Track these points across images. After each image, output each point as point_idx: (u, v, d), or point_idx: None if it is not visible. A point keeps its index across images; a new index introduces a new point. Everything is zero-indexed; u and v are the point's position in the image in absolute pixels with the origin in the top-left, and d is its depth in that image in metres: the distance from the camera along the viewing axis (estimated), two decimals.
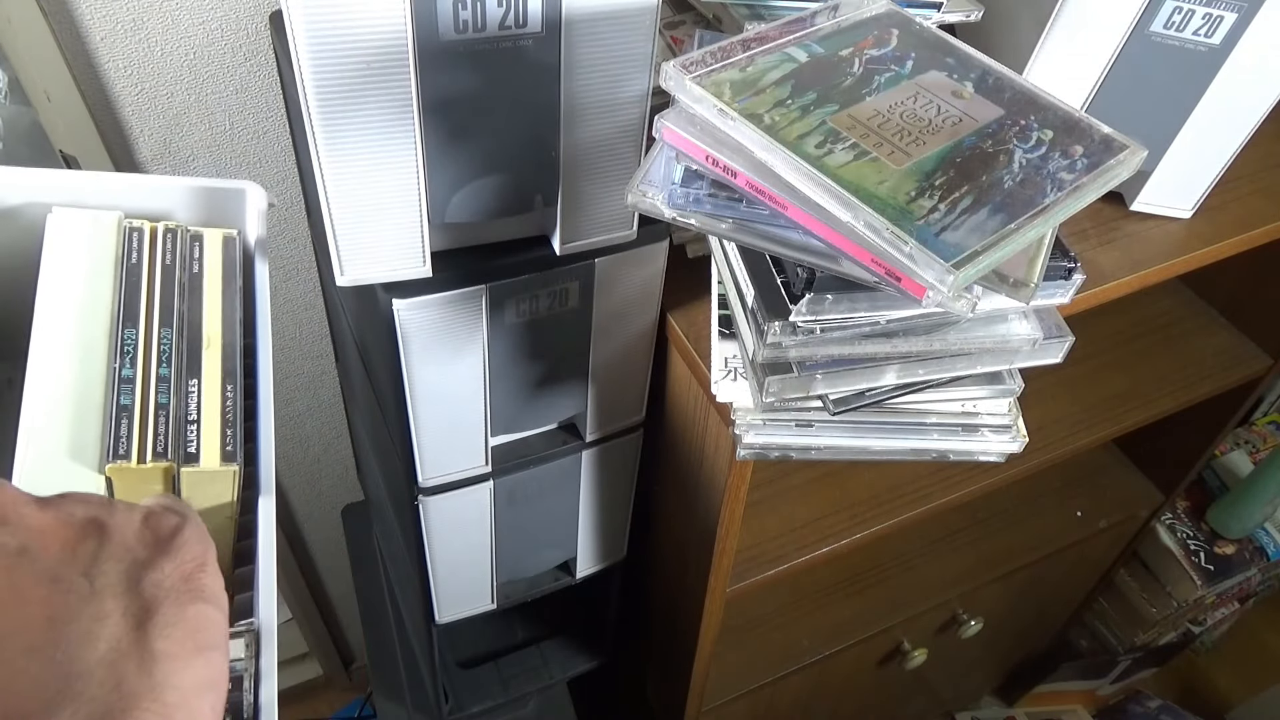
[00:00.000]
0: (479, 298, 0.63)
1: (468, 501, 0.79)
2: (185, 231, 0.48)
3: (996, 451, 0.66)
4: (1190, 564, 1.50)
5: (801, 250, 0.51)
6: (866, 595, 1.22)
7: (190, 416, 0.41)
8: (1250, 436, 1.60)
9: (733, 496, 0.74)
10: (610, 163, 0.60)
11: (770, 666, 1.14)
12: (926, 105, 0.53)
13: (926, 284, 0.44)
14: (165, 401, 0.41)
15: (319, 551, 1.43)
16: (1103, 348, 1.13)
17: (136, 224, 0.47)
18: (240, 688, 0.39)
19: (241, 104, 0.89)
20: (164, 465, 0.39)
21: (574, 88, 0.55)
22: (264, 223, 0.51)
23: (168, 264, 0.46)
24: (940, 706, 1.75)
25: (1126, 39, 0.67)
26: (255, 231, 0.51)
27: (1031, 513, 1.31)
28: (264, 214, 0.51)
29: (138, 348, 0.42)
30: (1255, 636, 1.88)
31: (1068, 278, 0.56)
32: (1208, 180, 0.77)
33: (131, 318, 0.44)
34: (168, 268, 0.46)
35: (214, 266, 0.47)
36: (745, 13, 0.69)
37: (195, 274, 0.47)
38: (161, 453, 0.40)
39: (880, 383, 0.58)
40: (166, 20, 0.81)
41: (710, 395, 0.63)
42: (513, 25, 0.51)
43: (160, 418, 0.40)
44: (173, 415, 0.41)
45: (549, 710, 1.18)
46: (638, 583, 1.04)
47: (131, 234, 0.46)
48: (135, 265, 0.45)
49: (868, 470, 0.96)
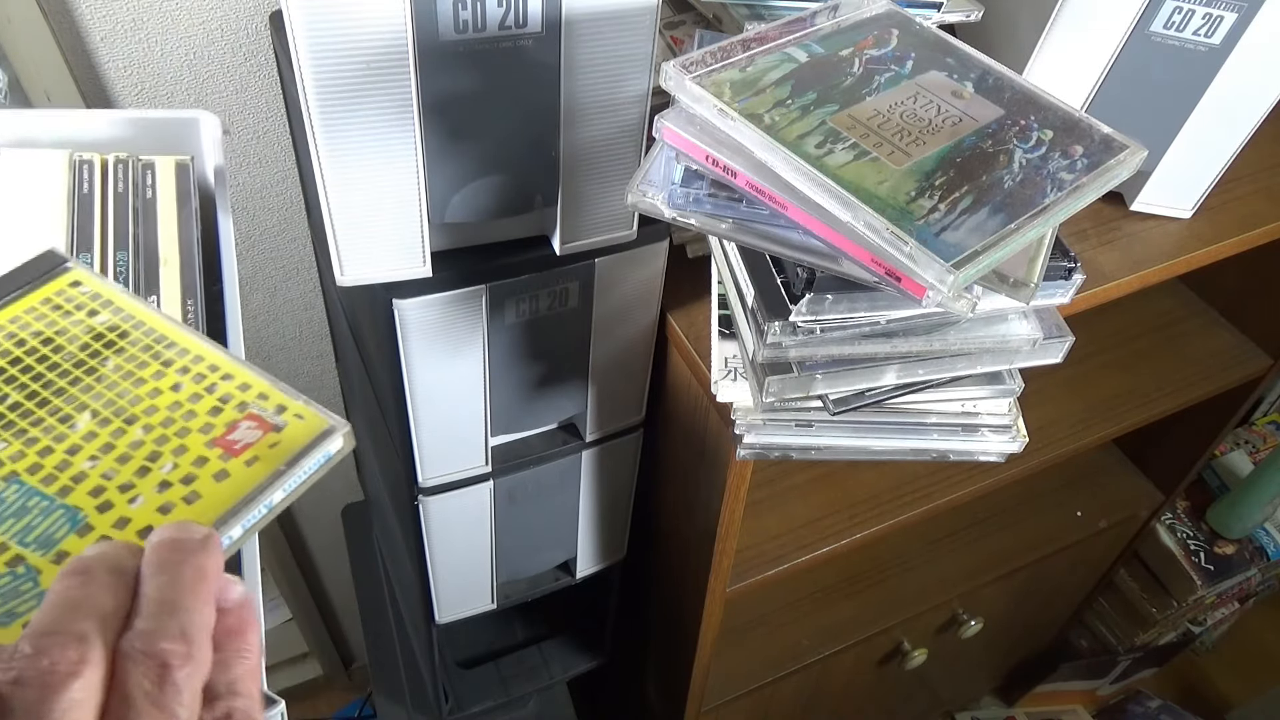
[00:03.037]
0: (479, 298, 0.63)
1: (468, 501, 0.79)
2: (137, 161, 0.48)
3: (996, 451, 0.66)
4: (1190, 564, 1.50)
5: (801, 250, 0.51)
6: (866, 595, 1.22)
7: None
8: (1250, 436, 1.60)
9: (733, 496, 0.74)
10: (610, 163, 0.60)
11: (770, 666, 1.14)
12: (926, 105, 0.53)
13: (926, 284, 0.44)
14: None
15: (319, 551, 1.43)
16: (1103, 348, 1.13)
17: (87, 157, 0.47)
18: None
19: (241, 104, 0.89)
20: None
21: (574, 88, 0.55)
22: (220, 150, 0.51)
23: (120, 192, 0.46)
24: (940, 706, 1.75)
25: (1126, 39, 0.67)
26: (213, 159, 0.51)
27: (1031, 513, 1.31)
28: (219, 141, 0.51)
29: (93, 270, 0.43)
30: (1255, 636, 1.88)
31: (1068, 278, 0.56)
32: (1208, 180, 0.77)
33: (86, 243, 0.44)
34: (120, 195, 0.46)
35: (168, 192, 0.47)
36: (745, 13, 0.69)
37: (149, 199, 0.47)
38: None
39: (880, 383, 0.58)
40: (166, 20, 0.81)
41: (710, 395, 0.63)
42: (513, 25, 0.51)
43: None
44: None
45: (549, 710, 1.18)
46: (638, 583, 1.04)
47: (82, 166, 0.47)
48: (87, 195, 0.46)
49: (868, 470, 0.96)
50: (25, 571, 0.32)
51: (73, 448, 0.37)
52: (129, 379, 0.39)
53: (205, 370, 0.39)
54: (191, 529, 0.28)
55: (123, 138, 0.49)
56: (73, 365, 0.40)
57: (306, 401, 0.38)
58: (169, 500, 0.35)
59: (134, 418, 0.38)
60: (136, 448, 0.37)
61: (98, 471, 0.36)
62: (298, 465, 0.36)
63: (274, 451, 0.36)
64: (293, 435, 0.37)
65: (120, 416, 0.38)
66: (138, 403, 0.38)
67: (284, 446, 0.36)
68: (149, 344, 0.40)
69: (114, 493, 0.35)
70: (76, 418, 0.38)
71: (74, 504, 0.34)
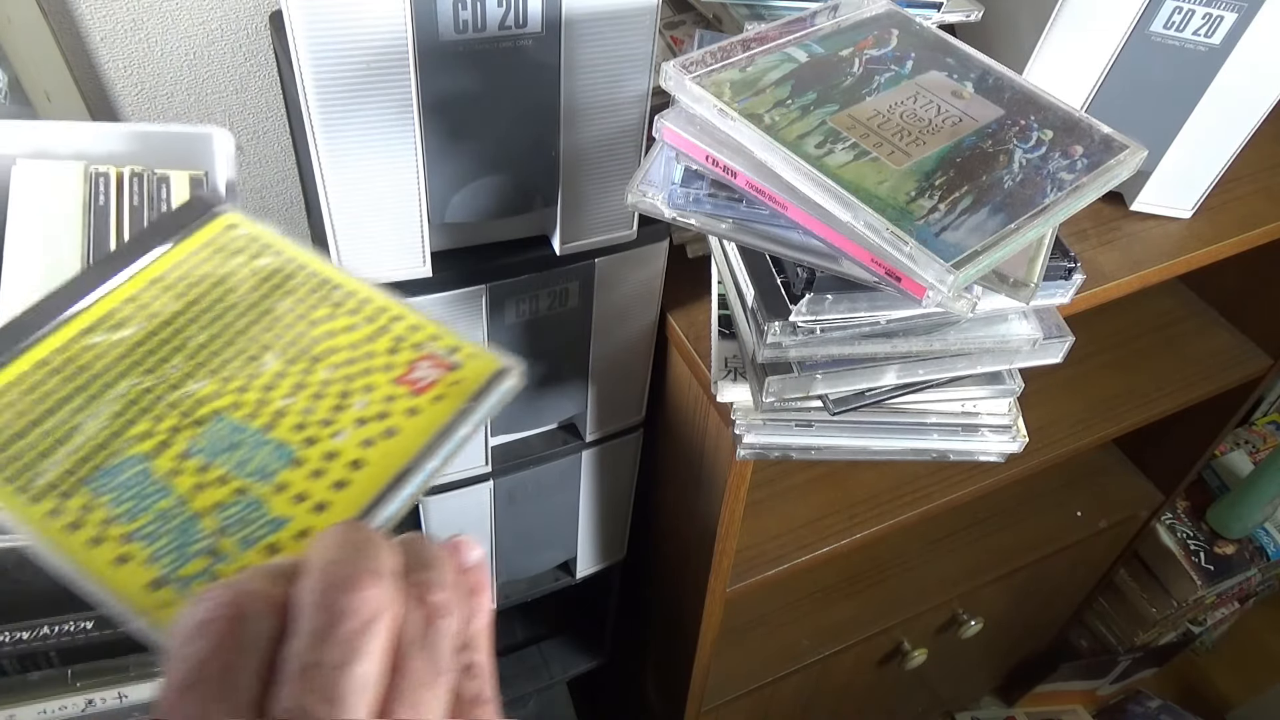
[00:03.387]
0: (479, 297, 0.63)
1: (468, 501, 0.79)
2: (152, 174, 0.48)
3: (996, 451, 0.66)
4: (1190, 564, 1.50)
5: (801, 250, 0.51)
6: (866, 595, 1.22)
7: None
8: (1250, 436, 1.60)
9: (733, 496, 0.74)
10: (610, 163, 0.60)
11: (770, 666, 1.14)
12: (926, 105, 0.53)
13: (926, 284, 0.44)
14: None
15: None
16: (1103, 348, 1.13)
17: (102, 169, 0.47)
18: None
19: (241, 104, 0.89)
20: None
21: (574, 88, 0.55)
22: (234, 165, 0.52)
23: (135, 205, 0.47)
24: (940, 706, 1.75)
25: (1126, 39, 0.67)
26: (225, 173, 0.51)
27: (1031, 513, 1.31)
28: (233, 157, 0.52)
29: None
30: (1255, 636, 1.88)
31: (1068, 278, 0.56)
32: (1208, 180, 0.77)
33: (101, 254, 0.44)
34: (135, 208, 0.46)
35: None
36: (745, 13, 0.69)
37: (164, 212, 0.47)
38: None
39: (880, 383, 0.58)
40: (166, 20, 0.81)
41: (710, 395, 0.63)
42: (513, 25, 0.51)
43: None
44: None
45: (549, 710, 1.18)
46: (637, 583, 1.04)
47: (98, 179, 0.47)
48: (103, 207, 0.46)
49: (868, 470, 0.96)
50: (252, 501, 0.34)
51: (268, 385, 0.38)
52: (303, 320, 0.41)
53: (374, 312, 0.41)
54: None
55: (137, 151, 0.50)
56: (248, 307, 0.41)
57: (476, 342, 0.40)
58: (369, 435, 0.36)
59: (318, 357, 0.39)
60: (327, 386, 0.38)
61: (296, 408, 0.37)
62: (481, 401, 0.37)
63: (457, 389, 0.38)
64: (471, 373, 0.38)
65: (305, 356, 0.39)
66: (318, 343, 0.40)
67: (465, 385, 0.38)
68: (315, 286, 0.42)
69: (316, 428, 0.37)
70: (264, 357, 0.39)
71: (280, 439, 0.36)
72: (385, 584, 0.25)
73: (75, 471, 0.36)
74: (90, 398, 0.38)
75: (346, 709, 0.23)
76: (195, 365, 0.39)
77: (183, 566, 0.33)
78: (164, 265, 0.42)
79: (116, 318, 0.40)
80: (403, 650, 0.25)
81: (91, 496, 0.35)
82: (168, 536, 0.34)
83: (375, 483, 0.35)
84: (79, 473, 0.36)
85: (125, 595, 0.32)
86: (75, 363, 0.39)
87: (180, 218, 0.44)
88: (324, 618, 0.24)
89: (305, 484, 0.35)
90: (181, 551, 0.33)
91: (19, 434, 0.37)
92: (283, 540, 0.33)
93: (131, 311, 0.41)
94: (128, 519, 0.34)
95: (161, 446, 0.36)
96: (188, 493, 0.35)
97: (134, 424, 0.37)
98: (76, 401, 0.38)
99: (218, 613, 0.24)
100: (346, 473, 0.35)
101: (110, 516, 0.34)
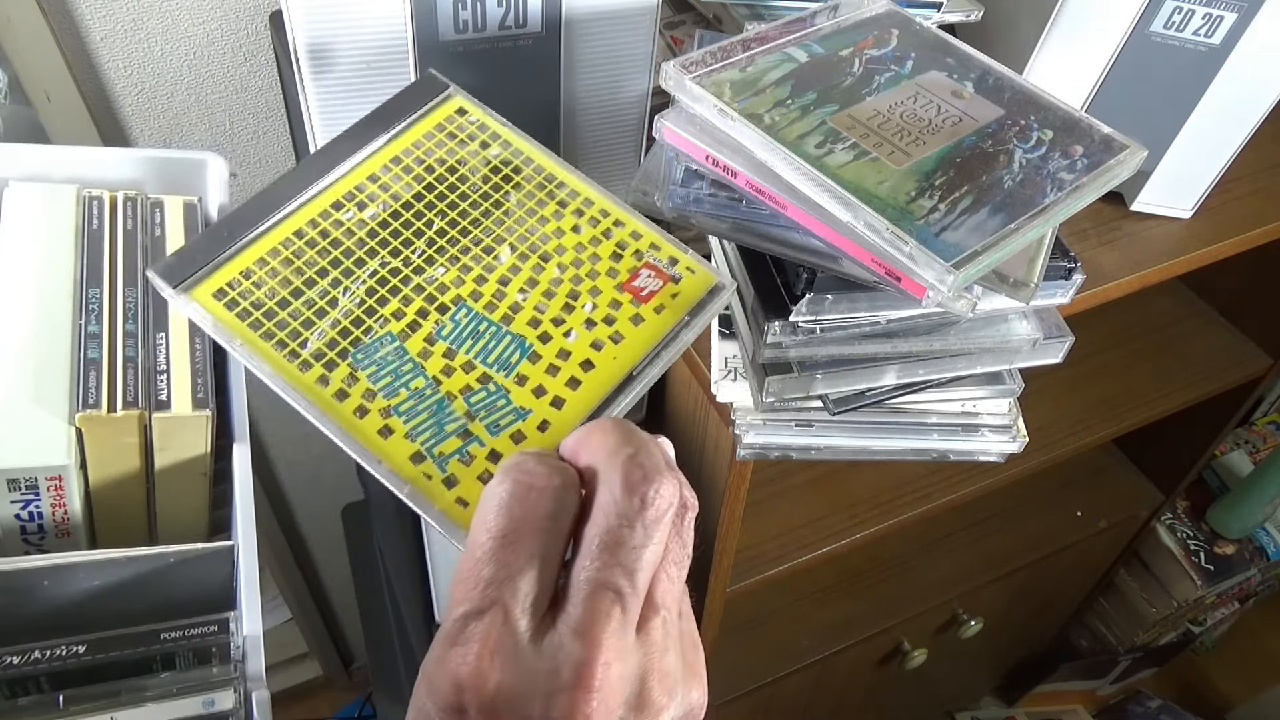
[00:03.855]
0: None
1: None
2: (146, 199, 0.48)
3: (996, 451, 0.66)
4: (1190, 564, 1.50)
5: (801, 250, 0.51)
6: (866, 595, 1.22)
7: (160, 367, 0.42)
8: (1250, 436, 1.60)
9: (733, 496, 0.74)
10: (610, 163, 0.60)
11: (770, 666, 1.14)
12: (926, 105, 0.53)
13: (926, 284, 0.44)
14: (133, 355, 0.42)
15: (319, 551, 1.43)
16: (1103, 348, 1.13)
17: (96, 193, 0.47)
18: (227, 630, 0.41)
19: (241, 104, 0.89)
20: (136, 413, 0.40)
21: (574, 88, 0.55)
22: (227, 191, 0.52)
23: (129, 229, 0.47)
24: (940, 706, 1.75)
25: (1126, 39, 0.67)
26: (218, 199, 0.51)
27: (1031, 513, 1.31)
28: (226, 183, 0.52)
29: (103, 306, 0.43)
30: (1255, 636, 1.88)
31: (1068, 278, 0.56)
32: (1208, 180, 0.77)
33: (95, 279, 0.44)
34: (129, 232, 0.46)
35: (176, 230, 0.48)
36: (745, 13, 0.69)
37: (158, 237, 0.47)
38: (132, 401, 0.40)
39: (880, 383, 0.58)
40: (166, 20, 0.81)
41: (710, 395, 0.63)
42: (513, 25, 0.51)
43: (129, 369, 0.41)
44: (141, 367, 0.41)
45: None
46: None
47: (91, 202, 0.47)
48: (96, 231, 0.46)
49: (868, 470, 0.96)
50: (496, 389, 0.36)
51: (503, 278, 0.39)
52: (533, 216, 0.42)
53: (598, 215, 0.42)
54: None
55: (132, 177, 0.50)
56: (480, 197, 0.42)
57: (694, 255, 0.41)
58: (598, 338, 0.38)
59: (548, 255, 0.41)
60: (557, 285, 0.40)
61: (530, 304, 0.39)
62: (699, 316, 0.39)
63: (676, 302, 0.39)
64: (689, 287, 0.40)
65: (535, 253, 0.41)
66: (546, 240, 0.41)
67: (683, 298, 0.40)
68: (541, 181, 0.43)
69: (549, 325, 0.38)
70: (498, 249, 0.41)
71: (517, 332, 0.38)
72: (675, 478, 0.29)
73: (338, 343, 0.37)
74: (345, 272, 0.39)
75: (638, 582, 0.28)
76: (435, 251, 0.40)
77: (439, 444, 0.35)
78: (401, 145, 0.43)
79: (360, 196, 0.41)
80: (670, 534, 0.29)
81: (352, 369, 0.36)
82: (424, 414, 0.35)
83: (604, 385, 0.37)
84: (341, 344, 0.37)
85: (395, 465, 0.34)
86: (328, 238, 0.40)
87: (412, 99, 0.44)
88: (634, 504, 0.28)
89: (543, 378, 0.37)
90: (439, 430, 0.35)
91: (282, 302, 0.38)
92: (526, 429, 0.35)
93: (374, 191, 0.42)
94: (387, 394, 0.36)
95: (412, 327, 0.38)
96: (438, 375, 0.36)
97: (386, 303, 0.38)
98: (333, 275, 0.39)
99: (542, 481, 0.28)
100: (579, 372, 0.37)
101: (370, 389, 0.36)
